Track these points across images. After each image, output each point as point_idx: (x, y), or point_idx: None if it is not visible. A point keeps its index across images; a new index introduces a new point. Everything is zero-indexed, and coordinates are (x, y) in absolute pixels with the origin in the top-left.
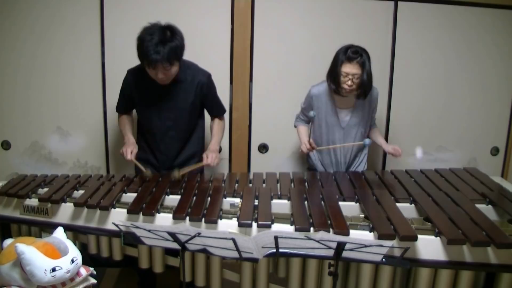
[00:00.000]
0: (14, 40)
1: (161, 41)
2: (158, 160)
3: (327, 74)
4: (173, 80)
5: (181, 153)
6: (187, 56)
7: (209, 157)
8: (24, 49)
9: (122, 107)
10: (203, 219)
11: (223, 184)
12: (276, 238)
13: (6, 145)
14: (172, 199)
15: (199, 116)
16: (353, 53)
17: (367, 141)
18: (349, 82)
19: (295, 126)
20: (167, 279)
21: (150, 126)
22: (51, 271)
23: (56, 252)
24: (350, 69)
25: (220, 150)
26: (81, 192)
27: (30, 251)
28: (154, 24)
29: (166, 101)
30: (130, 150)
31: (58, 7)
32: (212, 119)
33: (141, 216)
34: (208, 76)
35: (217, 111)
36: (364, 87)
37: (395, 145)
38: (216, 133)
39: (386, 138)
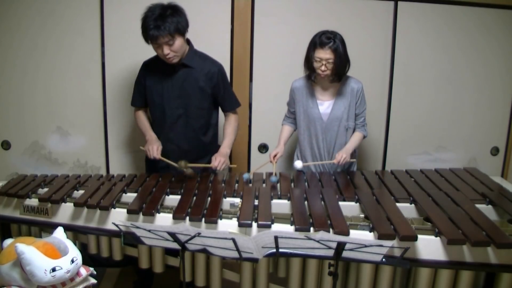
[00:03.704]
0: (13, 39)
1: (160, 15)
2: (167, 149)
3: (304, 60)
4: (183, 66)
5: (194, 149)
6: None
7: (217, 160)
8: (23, 49)
9: (136, 100)
10: (203, 219)
11: (223, 184)
12: (276, 238)
13: (6, 145)
14: (172, 199)
15: (212, 110)
16: (326, 38)
17: (296, 164)
18: (323, 67)
19: (282, 126)
20: (165, 280)
21: (160, 114)
22: (51, 271)
23: (56, 252)
24: (322, 54)
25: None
26: (81, 192)
27: (30, 251)
28: (157, 4)
29: (177, 88)
30: (156, 147)
31: (58, 7)
32: (226, 115)
33: (141, 216)
34: (220, 66)
35: (230, 105)
36: (338, 71)
37: (343, 156)
38: (229, 134)
39: (386, 138)
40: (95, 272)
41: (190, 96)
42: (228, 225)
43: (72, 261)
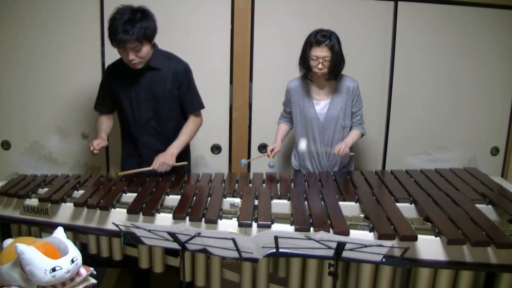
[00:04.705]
0: (14, 39)
1: (130, 20)
2: (141, 154)
3: (298, 60)
4: (149, 68)
5: (170, 147)
6: (187, 55)
7: (156, 163)
8: (23, 49)
9: (100, 104)
10: (203, 219)
11: (223, 184)
12: (276, 238)
13: (6, 145)
14: (172, 199)
15: (182, 111)
16: (321, 36)
17: (301, 144)
18: (320, 66)
19: (278, 124)
20: (163, 282)
21: (131, 119)
22: (51, 271)
23: (56, 252)
24: (319, 52)
25: (220, 151)
26: (81, 192)
27: (30, 251)
28: (127, 6)
29: (144, 91)
30: (97, 142)
31: (58, 7)
32: (187, 117)
33: (141, 216)
34: (185, 65)
35: (192, 106)
36: (335, 69)
37: (345, 150)
38: (181, 135)
39: (386, 138)
40: (95, 272)
41: (159, 98)
42: (228, 225)
43: (72, 261)
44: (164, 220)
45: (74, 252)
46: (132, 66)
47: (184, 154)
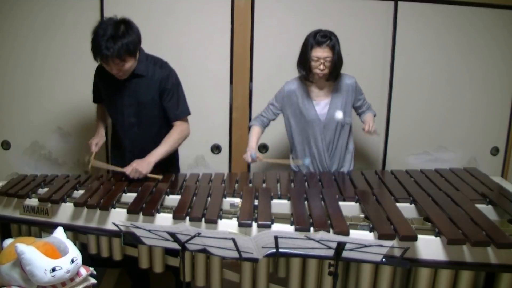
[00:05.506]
0: (14, 40)
1: (112, 37)
2: (125, 157)
3: (297, 62)
4: (135, 75)
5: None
6: (187, 55)
7: (129, 167)
8: (24, 49)
9: (96, 97)
10: (203, 219)
11: (223, 184)
12: (276, 238)
13: (6, 145)
14: (172, 199)
15: (165, 118)
16: (322, 37)
17: (306, 161)
18: (321, 66)
19: (250, 126)
20: (162, 282)
21: (115, 122)
22: (51, 271)
23: (56, 252)
24: (320, 53)
25: (220, 151)
26: (81, 192)
27: (30, 251)
28: (110, 19)
29: (127, 96)
30: (96, 142)
31: (58, 7)
32: (172, 124)
33: (141, 216)
34: (169, 72)
35: (174, 113)
36: (336, 69)
37: (372, 134)
38: (163, 144)
39: (386, 138)
40: (95, 272)
41: (142, 104)
42: (228, 225)
43: (72, 261)
44: (164, 220)
45: (74, 252)
46: (117, 77)
47: (171, 163)
